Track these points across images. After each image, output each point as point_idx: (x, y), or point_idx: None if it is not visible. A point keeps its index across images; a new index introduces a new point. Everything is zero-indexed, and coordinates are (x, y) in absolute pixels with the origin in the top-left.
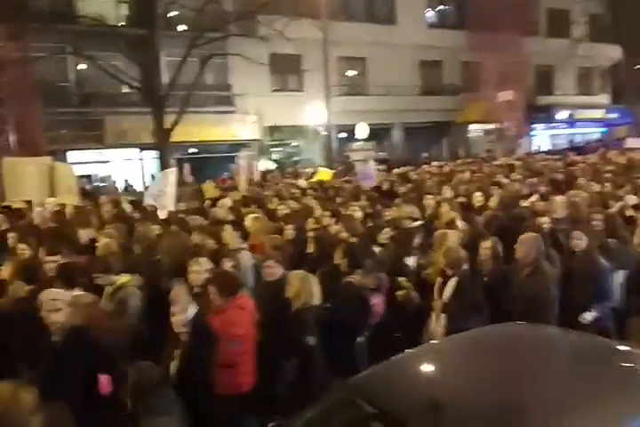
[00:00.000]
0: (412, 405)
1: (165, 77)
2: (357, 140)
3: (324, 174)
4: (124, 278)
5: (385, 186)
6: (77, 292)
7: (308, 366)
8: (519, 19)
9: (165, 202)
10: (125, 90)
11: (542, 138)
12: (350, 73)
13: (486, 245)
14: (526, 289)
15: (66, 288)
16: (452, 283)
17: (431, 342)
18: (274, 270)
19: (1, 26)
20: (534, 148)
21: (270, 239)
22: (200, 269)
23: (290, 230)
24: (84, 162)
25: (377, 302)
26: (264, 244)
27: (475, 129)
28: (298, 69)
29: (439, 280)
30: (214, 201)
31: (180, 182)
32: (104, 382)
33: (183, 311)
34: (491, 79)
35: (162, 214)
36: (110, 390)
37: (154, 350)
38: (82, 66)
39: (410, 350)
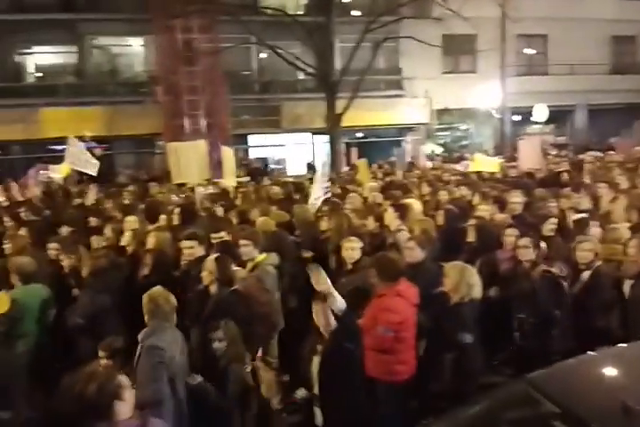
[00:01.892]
0: (600, 408)
1: (339, 63)
2: (535, 123)
3: (483, 163)
4: (260, 257)
5: (552, 173)
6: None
7: (462, 364)
8: None
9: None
10: (301, 77)
11: None
12: (529, 51)
13: (634, 244)
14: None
15: None
16: (583, 278)
17: (624, 344)
18: (414, 252)
19: (195, 19)
20: None
21: (420, 223)
22: (353, 246)
23: (441, 217)
24: (261, 146)
25: None
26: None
27: None
28: (472, 50)
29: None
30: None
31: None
32: None
33: (327, 315)
34: None
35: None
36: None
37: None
38: (263, 55)
39: (599, 351)
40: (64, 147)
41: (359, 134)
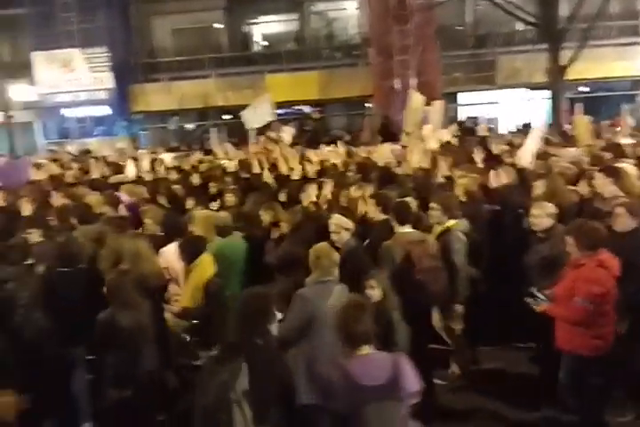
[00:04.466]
0: None
1: (565, 10)
2: None
3: None
4: (451, 222)
5: None
6: (407, 229)
7: None
8: None
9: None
10: (520, 28)
11: None
12: None
13: None
14: None
15: (397, 224)
16: None
17: None
18: (623, 219)
19: None
20: None
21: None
22: (541, 212)
23: None
24: (472, 104)
25: None
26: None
27: None
28: None
29: None
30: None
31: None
32: None
33: None
34: None
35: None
36: None
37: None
38: (478, 7)
39: None
40: (285, 111)
41: (585, 89)
